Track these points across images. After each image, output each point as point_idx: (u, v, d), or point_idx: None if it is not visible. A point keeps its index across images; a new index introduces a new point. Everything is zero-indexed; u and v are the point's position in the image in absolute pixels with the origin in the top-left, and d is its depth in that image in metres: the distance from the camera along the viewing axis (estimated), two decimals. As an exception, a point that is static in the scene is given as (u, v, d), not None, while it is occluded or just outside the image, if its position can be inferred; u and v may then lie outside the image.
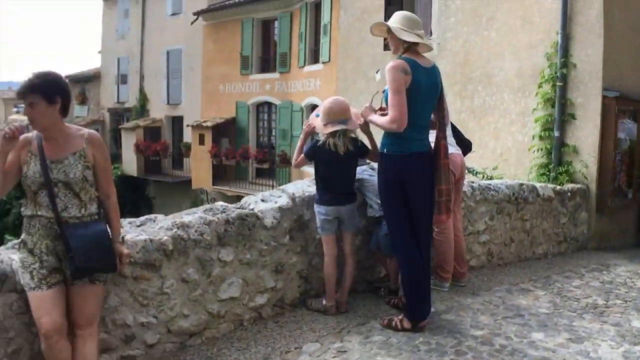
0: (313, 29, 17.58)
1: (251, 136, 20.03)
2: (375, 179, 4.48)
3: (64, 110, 3.34)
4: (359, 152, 4.53)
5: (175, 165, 23.91)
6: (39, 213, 3.22)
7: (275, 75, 19.21)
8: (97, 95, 29.10)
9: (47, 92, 3.21)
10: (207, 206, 4.47)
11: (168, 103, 23.90)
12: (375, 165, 4.64)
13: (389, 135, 4.03)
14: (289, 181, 18.61)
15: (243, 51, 20.09)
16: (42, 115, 3.23)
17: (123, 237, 3.51)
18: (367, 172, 4.74)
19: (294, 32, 18.33)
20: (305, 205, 4.62)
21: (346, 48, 14.73)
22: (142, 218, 4.26)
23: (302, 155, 4.60)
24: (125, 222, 4.11)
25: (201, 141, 20.66)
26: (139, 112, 25.47)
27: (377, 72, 12.63)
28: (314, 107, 17.47)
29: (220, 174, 20.24)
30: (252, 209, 4.43)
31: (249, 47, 19.95)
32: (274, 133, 19.41)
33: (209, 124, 20.39)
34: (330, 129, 4.39)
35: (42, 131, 3.29)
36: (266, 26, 20.18)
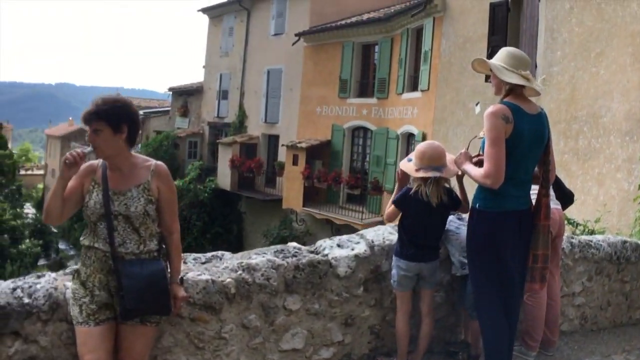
0: (413, 56, 17.18)
1: (345, 160, 19.80)
2: (462, 231, 4.04)
3: (131, 140, 3.15)
4: (453, 205, 4.11)
5: (268, 183, 24.06)
6: (96, 245, 3.05)
7: (373, 100, 18.93)
8: (198, 109, 29.91)
9: (114, 119, 3.04)
10: (279, 247, 4.18)
11: (265, 121, 24.14)
12: (464, 215, 4.20)
13: (483, 189, 3.58)
14: (380, 210, 18.35)
15: (342, 74, 19.97)
16: (107, 143, 3.06)
17: (182, 278, 3.27)
18: (454, 222, 4.30)
19: (394, 57, 18.00)
20: (384, 254, 4.24)
21: (446, 77, 14.25)
22: (209, 255, 4.03)
23: (393, 205, 4.22)
24: (190, 257, 3.90)
25: (295, 161, 20.65)
26: (237, 127, 25.89)
27: (477, 105, 12.01)
28: (410, 135, 17.08)
29: (311, 196, 20.11)
30: (326, 255, 4.11)
31: (348, 70, 19.81)
32: (367, 159, 19.10)
33: (304, 145, 20.35)
34: (422, 174, 3.99)
35: (106, 160, 3.13)
36: (366, 50, 19.97)
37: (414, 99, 16.73)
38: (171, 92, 33.28)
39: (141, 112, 40.18)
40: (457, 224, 4.27)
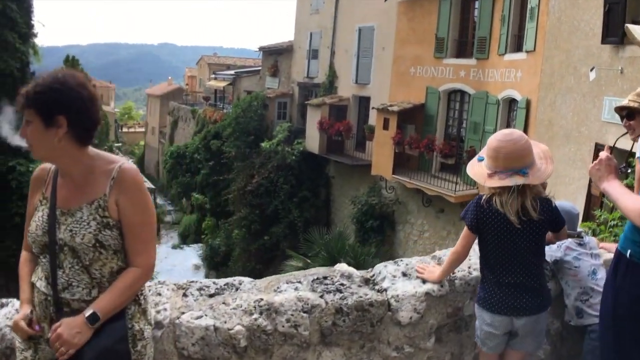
0: (518, 12, 15.26)
1: (439, 126, 18.25)
2: (584, 264, 2.78)
3: (80, 136, 2.13)
4: (551, 222, 2.85)
5: (357, 147, 22.94)
6: (37, 284, 2.22)
7: (472, 61, 17.17)
8: (288, 68, 29.02)
9: (44, 108, 2.04)
10: (321, 273, 3.07)
11: (356, 82, 22.87)
12: (589, 240, 2.91)
13: (637, 229, 2.28)
14: (475, 182, 16.67)
15: (438, 32, 18.26)
16: (38, 140, 2.11)
17: (94, 314, 2.10)
18: (573, 250, 3.01)
19: (496, 14, 16.09)
20: (469, 292, 3.04)
21: (555, 36, 12.47)
22: (222, 282, 2.97)
23: (465, 229, 2.98)
24: (194, 287, 2.86)
25: (385, 126, 19.34)
26: (327, 88, 24.81)
27: (592, 70, 10.32)
28: (512, 101, 15.33)
29: (401, 163, 18.81)
30: (384, 290, 2.94)
31: (445, 28, 18.07)
32: (464, 125, 17.46)
33: (395, 108, 18.96)
34: (498, 182, 2.77)
35: (45, 162, 2.15)
36: (465, 6, 18.06)
37: (518, 61, 14.90)
38: (261, 52, 32.53)
39: (233, 71, 40.08)
40: (577, 252, 2.98)
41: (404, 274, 3.09)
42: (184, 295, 2.75)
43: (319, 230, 21.13)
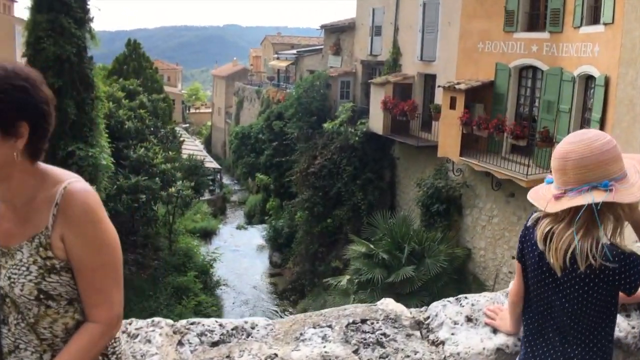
0: (595, -19, 14.01)
1: (509, 105, 17.14)
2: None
3: (36, 149, 1.74)
4: (620, 275, 1.94)
5: (423, 127, 22.03)
6: None
7: (544, 35, 15.93)
8: (351, 46, 28.21)
9: (4, 112, 1.54)
10: (358, 315, 2.45)
11: (421, 59, 21.89)
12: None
13: None
14: (548, 165, 15.64)
15: (508, 5, 17.04)
16: None
17: None
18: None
19: (571, -17, 14.85)
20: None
21: (635, 8, 11.27)
22: (229, 326, 2.38)
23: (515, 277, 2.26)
24: (194, 331, 2.30)
25: (452, 105, 18.39)
26: (391, 66, 23.91)
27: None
28: (589, 78, 14.11)
29: (469, 144, 17.85)
30: (441, 343, 2.30)
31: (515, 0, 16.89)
32: (536, 104, 16.30)
33: (463, 86, 17.95)
34: (566, 204, 1.94)
35: None
36: (537, -25, 16.81)
37: (595, 34, 13.66)
38: (323, 30, 31.80)
39: (295, 51, 39.54)
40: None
41: (469, 319, 2.41)
42: (180, 343, 2.20)
43: (382, 214, 20.50)
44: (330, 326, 2.33)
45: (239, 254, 33.15)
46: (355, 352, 2.17)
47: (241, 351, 2.16)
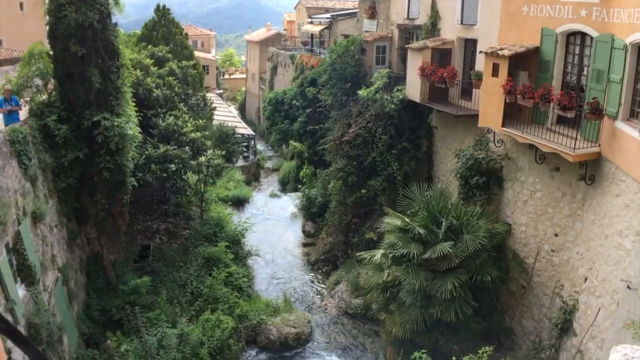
0: None
1: (556, 73, 15.94)
2: None
3: None
4: None
5: (463, 95, 20.97)
6: None
7: (597, -3, 14.71)
8: (386, 10, 27.07)
9: None
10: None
11: (461, 23, 20.72)
12: None
13: None
14: (598, 138, 14.64)
15: (557, -36, 15.81)
16: None
17: None
18: None
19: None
20: None
21: None
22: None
23: None
24: None
25: (494, 72, 17.29)
26: (430, 30, 22.79)
27: None
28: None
29: (512, 114, 16.77)
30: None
31: (566, -43, 15.61)
32: (585, 72, 15.11)
33: (506, 52, 16.80)
34: None
35: None
36: None
37: (652, -3, 12.45)
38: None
39: (329, 15, 38.41)
40: None
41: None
42: None
43: (419, 186, 19.75)
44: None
45: (272, 222, 32.81)
46: None
47: None
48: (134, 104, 19.21)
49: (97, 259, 19.60)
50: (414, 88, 22.27)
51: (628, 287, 11.06)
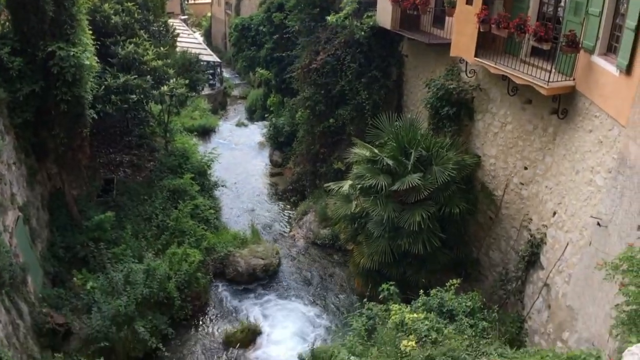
0: None
1: (532, 3, 15.23)
2: None
3: None
4: None
5: (435, 22, 20.36)
6: None
7: None
8: None
9: None
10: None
11: (435, -55, 19.88)
12: None
13: None
14: (572, 72, 14.27)
15: None
16: None
17: None
18: None
19: None
20: None
21: None
22: None
23: None
24: None
25: (469, 0, 16.69)
26: (402, -47, 21.80)
27: None
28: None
29: (485, 44, 16.25)
30: None
31: None
32: (562, 3, 14.55)
33: (480, -22, 16.18)
34: None
35: None
36: None
37: None
38: None
39: None
40: None
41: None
42: None
43: (388, 115, 19.40)
44: None
45: (239, 152, 32.33)
46: None
47: None
48: (90, 32, 18.19)
49: (59, 195, 18.99)
50: (384, 14, 21.51)
51: (598, 224, 11.03)
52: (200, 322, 19.23)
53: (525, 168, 15.90)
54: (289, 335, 18.71)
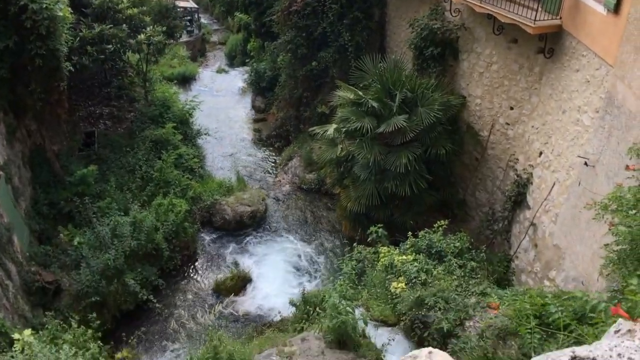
0: None
1: (517, -64, 14.94)
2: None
3: None
4: None
5: (416, -41, 19.86)
6: None
7: None
8: None
9: None
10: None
11: None
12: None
13: None
14: (559, 11, 13.92)
15: None
16: None
17: None
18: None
19: None
20: None
21: None
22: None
23: None
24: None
25: None
26: None
27: None
28: None
29: (469, -19, 15.93)
30: None
31: None
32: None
33: None
34: None
35: None
36: None
37: None
38: None
39: None
40: None
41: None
42: None
43: (371, 57, 19.10)
44: None
45: (221, 99, 31.84)
46: None
47: None
48: (62, -19, 17.48)
49: (40, 152, 18.61)
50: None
51: (585, 164, 11.02)
52: (190, 272, 19.29)
53: (511, 108, 15.79)
54: (279, 281, 18.83)
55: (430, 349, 2.16)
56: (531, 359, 2.21)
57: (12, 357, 9.47)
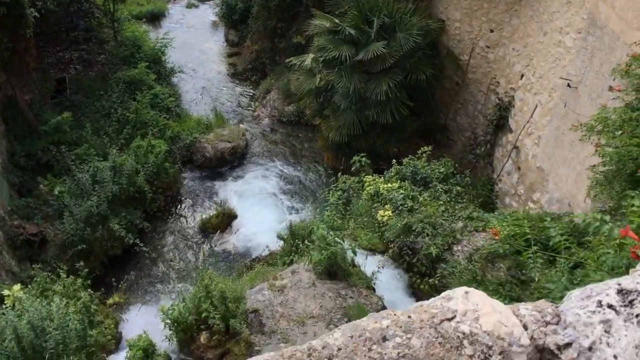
0: None
1: None
2: None
3: None
4: None
5: None
6: None
7: None
8: None
9: None
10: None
11: None
12: None
13: None
14: None
15: None
16: None
17: None
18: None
19: None
20: None
21: None
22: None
23: None
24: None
25: None
26: None
27: None
28: None
29: None
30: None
31: None
32: None
33: None
34: None
35: None
36: None
37: None
38: None
39: None
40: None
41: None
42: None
43: (347, -18, 18.56)
44: None
45: (192, 34, 30.95)
46: None
47: None
48: None
49: (12, 103, 18.08)
50: None
51: (568, 85, 10.94)
52: (175, 212, 19.22)
53: (491, 31, 15.53)
54: (265, 215, 18.81)
55: (465, 288, 2.09)
56: (568, 292, 2.16)
57: (3, 314, 9.37)
